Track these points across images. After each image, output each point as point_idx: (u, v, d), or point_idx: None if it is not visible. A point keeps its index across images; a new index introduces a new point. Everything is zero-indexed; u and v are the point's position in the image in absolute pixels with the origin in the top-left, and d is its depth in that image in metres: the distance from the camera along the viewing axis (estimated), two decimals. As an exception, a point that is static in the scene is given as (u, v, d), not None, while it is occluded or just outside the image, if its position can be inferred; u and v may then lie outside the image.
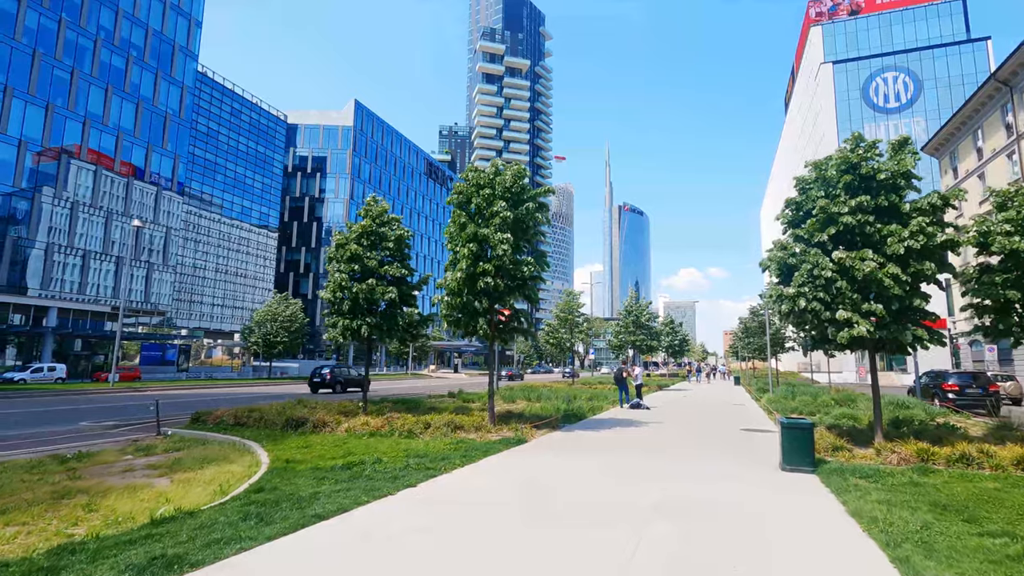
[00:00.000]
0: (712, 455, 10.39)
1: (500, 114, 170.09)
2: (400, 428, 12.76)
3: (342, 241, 15.40)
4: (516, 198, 14.06)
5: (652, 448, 11.21)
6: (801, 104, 78.71)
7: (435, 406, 17.83)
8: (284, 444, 11.49)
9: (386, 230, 15.56)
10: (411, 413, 15.87)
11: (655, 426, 15.05)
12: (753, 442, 12.32)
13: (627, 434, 13.28)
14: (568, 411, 16.89)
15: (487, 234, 13.16)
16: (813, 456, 8.72)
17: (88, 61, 53.11)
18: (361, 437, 12.33)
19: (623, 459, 9.84)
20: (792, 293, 10.79)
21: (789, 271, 11.49)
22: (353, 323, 14.82)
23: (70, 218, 50.91)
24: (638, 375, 21.32)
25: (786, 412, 18.75)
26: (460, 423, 13.32)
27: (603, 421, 16.07)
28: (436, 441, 11.67)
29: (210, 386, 41.35)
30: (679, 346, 53.69)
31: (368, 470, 8.40)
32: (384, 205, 16.21)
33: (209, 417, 14.59)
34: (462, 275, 13.31)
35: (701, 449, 11.11)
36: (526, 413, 16.57)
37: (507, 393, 24.54)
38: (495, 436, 12.31)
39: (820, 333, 11.38)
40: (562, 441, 12.01)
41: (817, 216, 11.04)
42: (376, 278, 15.07)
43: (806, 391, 26.86)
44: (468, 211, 14.10)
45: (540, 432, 13.17)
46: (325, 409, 16.14)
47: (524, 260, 13.75)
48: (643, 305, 36.40)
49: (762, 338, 35.99)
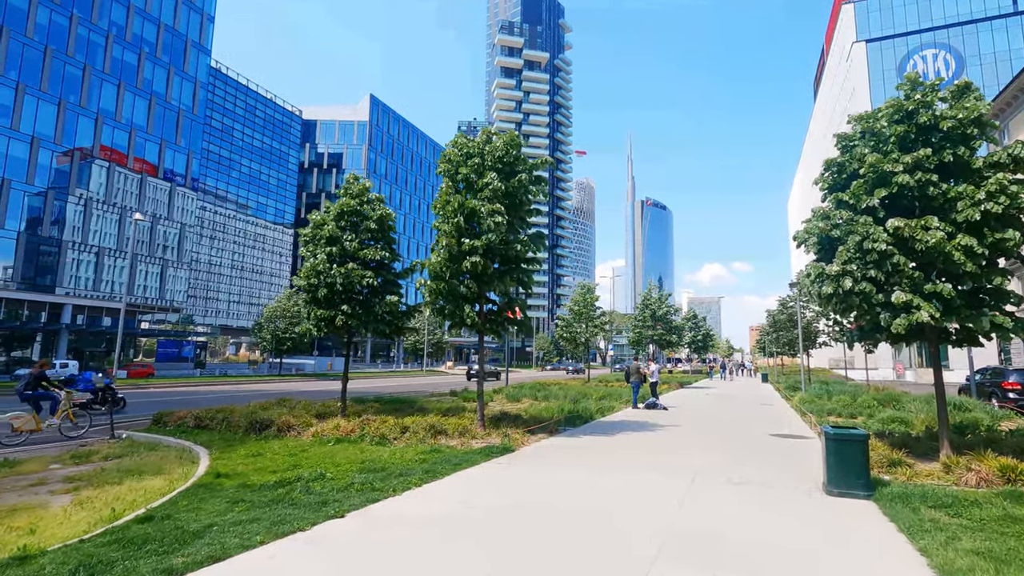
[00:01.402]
0: (736, 470, 8.48)
1: (519, 108, 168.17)
2: (373, 433, 11.13)
3: (319, 222, 13.82)
4: (509, 169, 12.28)
5: (663, 460, 9.33)
6: (832, 87, 74.96)
7: (425, 406, 16.19)
8: (234, 451, 9.95)
9: (367, 209, 13.92)
10: (396, 415, 14.26)
11: (670, 431, 13.13)
12: (786, 452, 10.34)
13: (635, 441, 11.41)
14: (573, 412, 15.07)
15: (475, 206, 11.42)
16: (868, 476, 6.76)
17: (100, 57, 52.89)
18: (326, 443, 10.72)
19: (624, 475, 8.00)
20: (836, 271, 8.78)
21: (831, 245, 9.48)
22: (328, 313, 13.22)
23: (84, 215, 50.76)
24: (654, 372, 19.34)
25: (821, 413, 16.59)
26: (444, 427, 11.64)
27: (611, 424, 14.20)
28: (408, 449, 9.98)
29: (220, 383, 40.55)
30: (702, 341, 51.16)
31: (298, 491, 6.74)
32: (366, 183, 14.59)
33: (171, 419, 13.18)
34: (445, 254, 11.61)
35: (722, 462, 9.18)
36: (525, 415, 14.80)
37: (512, 391, 22.81)
38: (479, 443, 10.57)
39: (870, 321, 9.35)
40: (557, 450, 10.21)
41: (865, 176, 9.01)
42: (355, 262, 13.46)
43: (842, 389, 24.53)
44: (455, 182, 12.37)
45: (535, 438, 11.40)
46: (304, 410, 14.65)
47: (518, 239, 11.96)
48: (661, 297, 34.17)
49: (792, 332, 33.52)
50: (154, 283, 57.32)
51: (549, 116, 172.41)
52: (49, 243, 47.97)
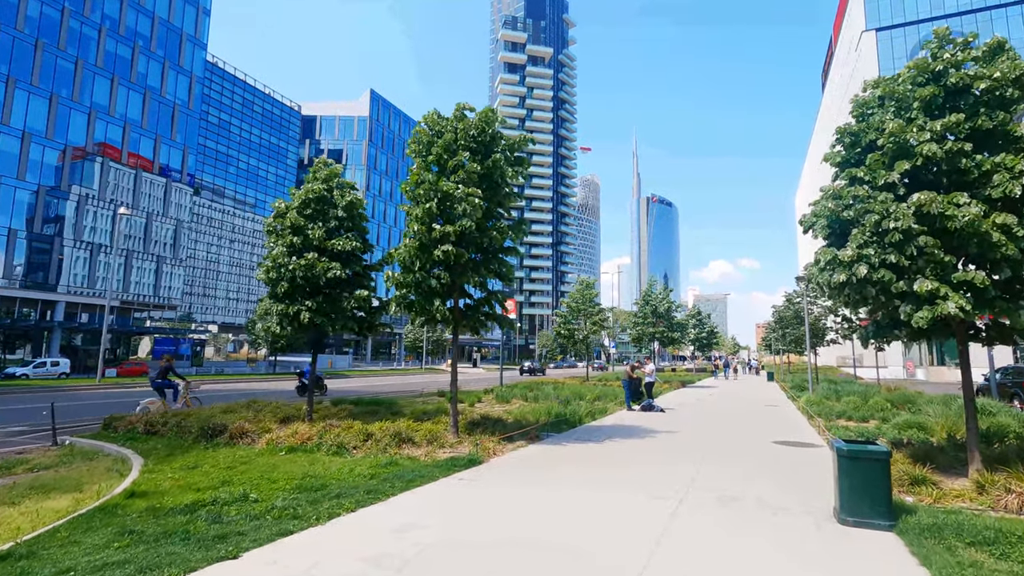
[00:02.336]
0: (732, 489, 7.32)
1: (522, 104, 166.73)
2: (332, 441, 10.03)
3: (281, 209, 12.73)
4: (485, 149, 11.14)
5: (648, 475, 8.17)
6: (840, 78, 73.24)
7: (405, 409, 15.10)
8: (171, 463, 8.89)
9: (336, 195, 12.81)
10: (368, 419, 13.19)
11: (663, 438, 11.96)
12: (791, 465, 9.16)
13: (622, 451, 10.25)
14: (560, 415, 13.92)
15: (448, 189, 10.30)
16: (890, 503, 5.58)
17: (93, 51, 52.06)
18: (276, 452, 9.64)
19: (600, 496, 6.86)
20: (849, 257, 7.60)
21: (843, 229, 8.28)
22: (290, 308, 12.13)
23: (77, 211, 49.99)
24: (650, 372, 18.15)
25: (829, 416, 15.39)
26: (412, 434, 10.54)
27: (599, 430, 13.05)
28: (364, 461, 8.88)
29: (212, 381, 39.63)
30: (707, 339, 49.85)
31: (204, 518, 5.65)
32: (336, 168, 13.48)
33: (121, 423, 12.13)
34: (415, 243, 10.49)
35: (717, 478, 8.01)
36: (507, 418, 13.68)
37: (504, 391, 21.69)
38: (446, 454, 9.46)
39: (888, 313, 8.18)
40: (531, 462, 9.07)
41: (884, 147, 7.81)
42: (321, 253, 12.36)
43: (851, 389, 23.26)
44: (427, 164, 11.24)
45: (511, 447, 10.27)
46: (271, 413, 13.60)
47: (495, 225, 10.82)
48: (663, 293, 32.91)
49: (798, 328, 32.24)
50: (149, 280, 56.55)
51: (553, 112, 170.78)
52: (41, 239, 47.24)
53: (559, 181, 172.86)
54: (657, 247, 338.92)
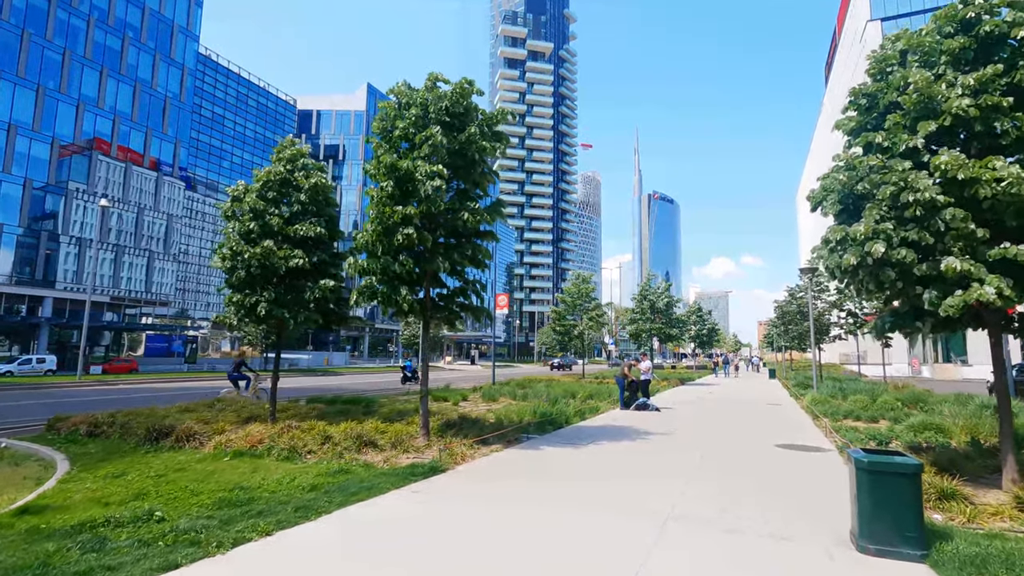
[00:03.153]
0: (728, 505, 6.28)
1: (523, 100, 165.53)
2: (286, 445, 9.02)
3: (240, 192, 11.70)
4: (458, 122, 10.10)
5: (632, 489, 7.13)
6: (844, 71, 71.97)
7: (379, 409, 14.08)
8: (98, 469, 7.89)
9: (299, 177, 11.78)
10: (338, 418, 12.19)
11: (655, 441, 10.92)
12: (797, 473, 8.13)
13: (607, 458, 9.21)
14: (546, 415, 12.89)
15: (409, 166, 9.27)
16: (922, 527, 4.55)
17: (81, 42, 51.03)
18: (221, 457, 8.63)
19: (570, 518, 5.81)
20: (863, 234, 6.56)
21: (856, 205, 7.25)
22: (247, 299, 11.12)
23: (64, 205, 49.01)
24: (647, 370, 17.11)
25: (836, 416, 14.34)
26: (377, 436, 9.54)
27: (587, 432, 12.02)
28: (313, 468, 7.87)
29: (202, 379, 38.73)
30: (707, 336, 48.77)
31: (76, 549, 4.62)
32: (302, 148, 12.45)
33: (63, 425, 11.13)
34: (377, 226, 9.46)
35: (712, 492, 6.97)
36: (489, 418, 12.66)
37: (493, 389, 20.69)
38: (409, 459, 8.44)
39: (909, 301, 7.14)
40: (500, 470, 8.03)
41: (907, 108, 6.76)
42: (283, 239, 11.34)
43: (857, 387, 22.22)
44: (392, 142, 10.21)
45: (485, 451, 9.25)
46: (234, 413, 12.63)
47: (467, 206, 9.78)
48: (661, 288, 31.81)
49: (802, 324, 31.18)
50: (140, 276, 55.60)
51: (553, 108, 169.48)
52: (28, 234, 46.28)
53: (559, 177, 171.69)
54: (659, 244, 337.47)
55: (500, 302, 28.01)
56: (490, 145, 10.09)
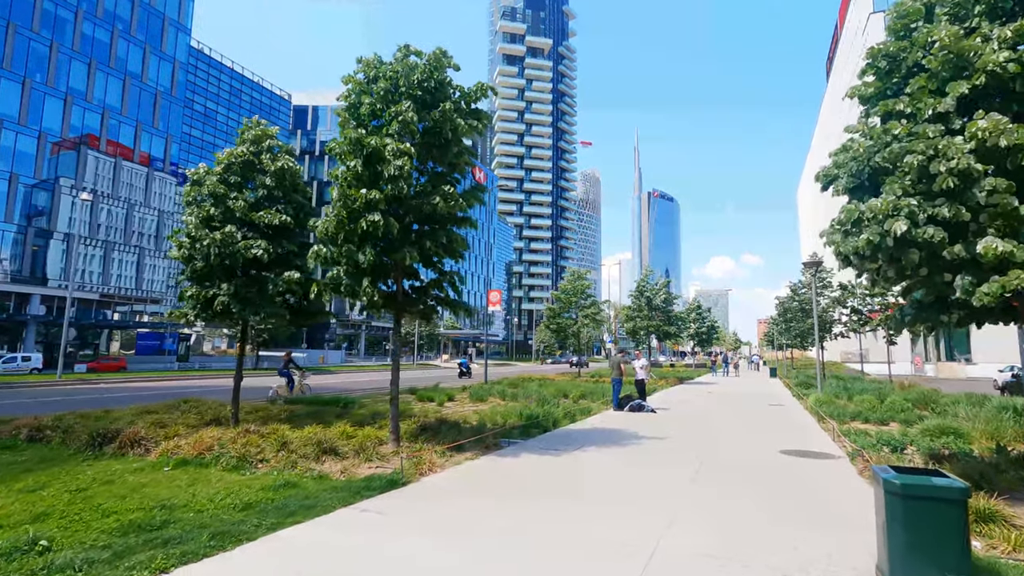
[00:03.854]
0: (727, 531, 5.38)
1: (521, 96, 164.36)
2: (238, 452, 8.12)
3: (200, 176, 10.80)
4: (431, 98, 9.18)
5: (615, 509, 6.22)
6: (846, 65, 70.96)
7: (357, 410, 13.20)
8: (18, 482, 7.01)
9: (264, 160, 10.87)
10: (312, 420, 11.31)
11: (647, 448, 10.02)
12: (805, 486, 7.23)
13: (592, 467, 8.31)
14: (532, 418, 12.00)
15: (377, 143, 8.36)
16: (969, 562, 3.65)
17: (69, 34, 50.05)
18: (162, 467, 7.73)
19: (530, 561, 4.91)
20: (882, 211, 5.66)
21: (874, 180, 6.34)
22: (203, 292, 10.22)
23: (52, 200, 48.09)
24: (640, 369, 16.21)
25: (843, 418, 13.44)
26: (342, 442, 8.64)
27: (574, 436, 11.12)
28: (260, 479, 6.98)
29: (190, 377, 37.90)
30: (707, 334, 47.87)
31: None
32: (269, 129, 11.53)
33: (5, 428, 10.24)
34: (340, 211, 8.56)
35: (708, 513, 6.02)
36: (471, 421, 11.78)
37: (483, 389, 19.79)
38: (369, 469, 7.55)
39: (934, 288, 6.24)
40: (471, 484, 7.12)
41: (933, 68, 5.85)
42: (243, 226, 10.44)
43: (862, 387, 21.29)
44: (358, 118, 9.30)
45: (458, 458, 8.35)
46: (197, 415, 11.76)
47: (440, 190, 8.87)
48: (659, 283, 30.91)
49: (804, 322, 30.28)
50: (130, 272, 54.67)
51: (552, 105, 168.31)
52: (14, 230, 45.36)
53: (559, 175, 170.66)
54: (659, 243, 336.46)
55: (493, 298, 27.14)
56: (467, 123, 9.17)
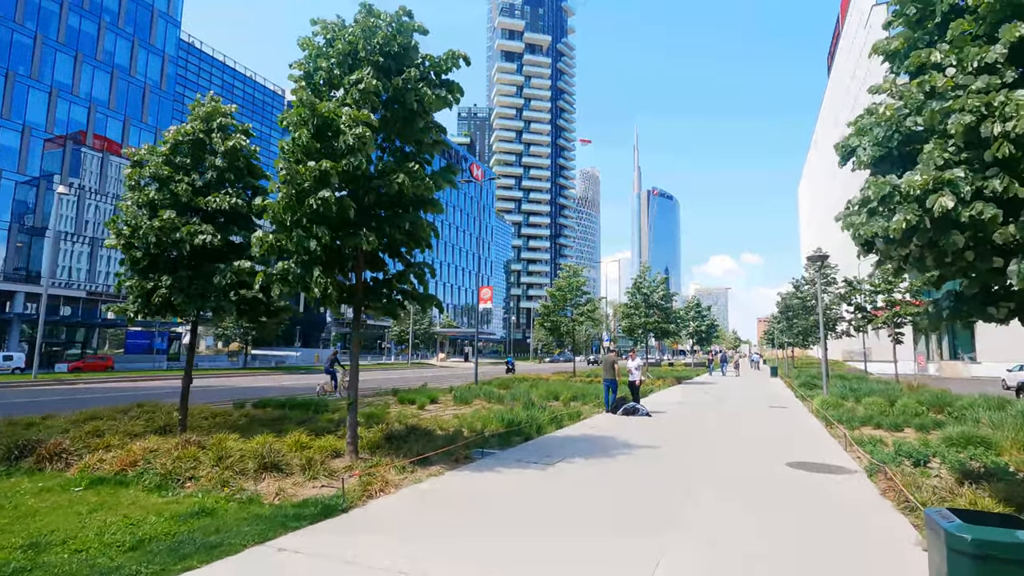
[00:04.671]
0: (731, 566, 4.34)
1: (520, 93, 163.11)
2: (166, 468, 7.06)
3: (142, 156, 9.73)
4: (394, 63, 8.12)
5: (589, 553, 5.18)
6: (848, 59, 69.89)
7: (321, 416, 12.15)
8: None
9: (215, 139, 9.80)
10: (266, 428, 10.30)
11: (637, 459, 8.96)
12: (818, 510, 6.18)
13: (573, 485, 7.25)
14: (514, 423, 10.95)
15: (330, 111, 7.32)
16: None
17: (54, 26, 48.87)
18: (73, 487, 6.67)
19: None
20: (920, 185, 4.61)
21: (904, 150, 5.29)
22: (144, 283, 9.16)
23: (36, 196, 46.96)
24: (635, 369, 15.17)
25: (852, 423, 12.41)
26: (292, 455, 7.60)
27: (559, 444, 10.06)
28: (179, 503, 5.92)
29: (176, 377, 36.73)
30: (706, 332, 46.83)
31: None
32: (223, 107, 10.46)
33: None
34: (288, 189, 7.50)
35: (703, 552, 5.02)
36: (447, 428, 10.73)
37: (468, 390, 18.75)
38: (314, 488, 6.49)
39: (978, 277, 5.20)
40: (424, 510, 6.03)
41: (979, 8, 4.80)
42: (189, 212, 9.38)
43: (869, 388, 20.27)
44: (314, 86, 8.24)
45: (421, 474, 7.30)
46: (146, 421, 10.74)
47: (404, 167, 7.80)
48: (656, 280, 29.84)
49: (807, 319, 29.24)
50: (114, 269, 53.50)
51: (551, 102, 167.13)
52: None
53: (557, 172, 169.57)
54: (658, 241, 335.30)
55: (484, 295, 26.07)
56: (434, 94, 8.10)
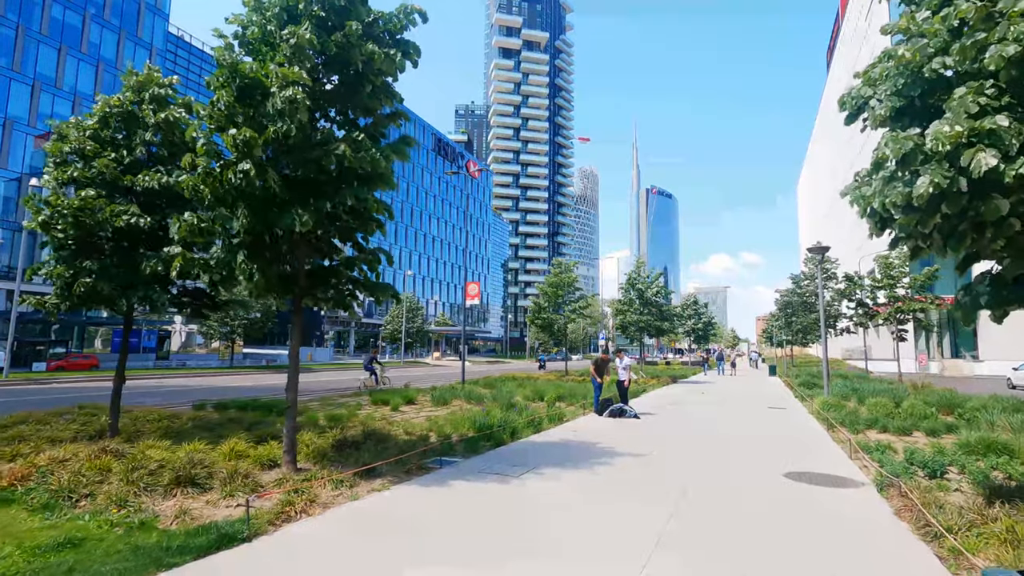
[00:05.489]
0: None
1: (518, 90, 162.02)
2: (61, 483, 6.05)
3: (64, 130, 8.71)
4: (337, 18, 7.09)
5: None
6: (849, 53, 68.91)
7: (276, 422, 11.14)
8: None
9: (146, 111, 8.77)
10: (210, 433, 9.31)
11: (618, 470, 7.95)
12: (827, 535, 5.18)
13: (541, 500, 6.23)
14: (485, 428, 9.93)
15: (255, 70, 6.32)
16: None
17: (37, 17, 47.76)
18: (-59, 505, 5.66)
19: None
20: (951, 138, 3.60)
21: (928, 100, 4.28)
22: (65, 271, 8.15)
23: (19, 191, 45.85)
24: (623, 369, 14.15)
25: (855, 426, 11.41)
26: (224, 465, 6.61)
27: (533, 451, 9.05)
28: (50, 529, 4.91)
29: (162, 376, 35.78)
30: (703, 330, 45.82)
31: None
32: (159, 77, 9.44)
33: None
34: (205, 160, 6.49)
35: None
36: (411, 432, 9.73)
37: (448, 391, 17.73)
38: (227, 509, 5.48)
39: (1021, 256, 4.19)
40: (355, 535, 4.99)
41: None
42: (113, 191, 8.36)
43: (872, 388, 19.26)
44: (248, 46, 7.22)
45: (363, 488, 6.29)
46: (82, 425, 9.74)
47: (351, 137, 6.79)
48: (649, 276, 28.78)
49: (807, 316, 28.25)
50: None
51: (549, 99, 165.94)
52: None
53: (555, 170, 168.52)
54: (657, 240, 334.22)
55: (470, 291, 25.08)
56: (383, 52, 7.06)
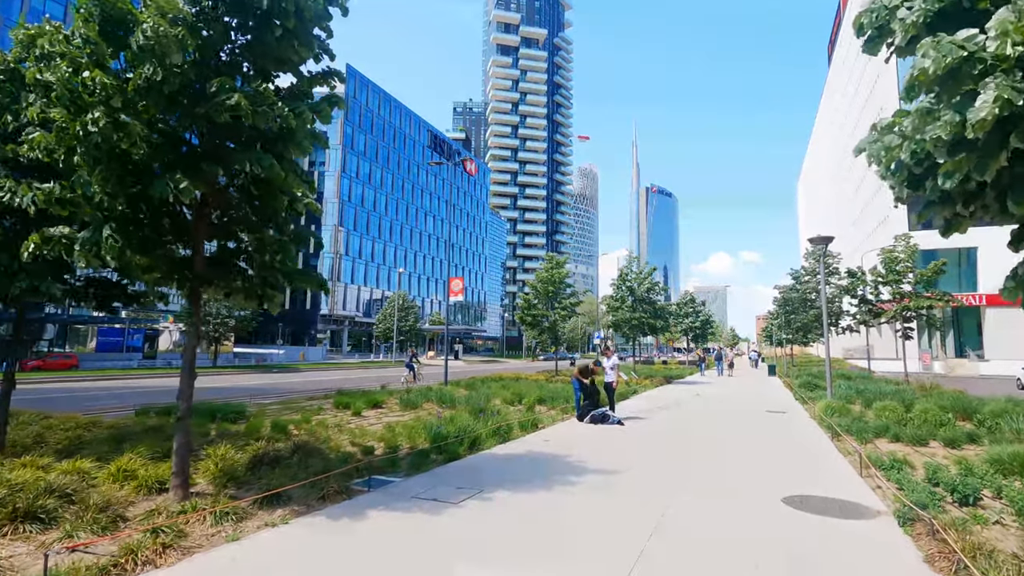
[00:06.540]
0: None
1: (516, 87, 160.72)
2: None
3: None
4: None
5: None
6: (849, 48, 67.52)
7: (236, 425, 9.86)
8: None
9: (31, 72, 7.49)
10: (113, 445, 8.06)
11: (587, 489, 6.66)
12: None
13: (476, 540, 4.98)
14: (440, 438, 8.64)
15: (123, 2, 5.06)
16: None
17: (16, 7, 46.62)
18: None
19: None
20: (1015, 56, 2.31)
21: (956, 23, 2.99)
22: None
23: None
24: (609, 368, 12.87)
25: (863, 435, 10.11)
26: (108, 488, 5.34)
27: (490, 466, 7.77)
28: None
29: (142, 376, 34.55)
30: (701, 328, 44.53)
31: None
32: (60, 35, 8.12)
33: None
34: (60, 115, 5.23)
35: None
36: (359, 443, 8.47)
37: (421, 393, 16.47)
38: (56, 555, 4.21)
39: None
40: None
41: None
42: None
43: (877, 389, 17.96)
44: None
45: (251, 522, 5.03)
46: None
47: (260, 89, 5.52)
48: (643, 271, 27.46)
49: (807, 314, 26.95)
50: (86, 264, 51.15)
51: (547, 96, 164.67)
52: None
53: (554, 168, 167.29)
54: (657, 238, 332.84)
55: (454, 287, 23.81)
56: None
